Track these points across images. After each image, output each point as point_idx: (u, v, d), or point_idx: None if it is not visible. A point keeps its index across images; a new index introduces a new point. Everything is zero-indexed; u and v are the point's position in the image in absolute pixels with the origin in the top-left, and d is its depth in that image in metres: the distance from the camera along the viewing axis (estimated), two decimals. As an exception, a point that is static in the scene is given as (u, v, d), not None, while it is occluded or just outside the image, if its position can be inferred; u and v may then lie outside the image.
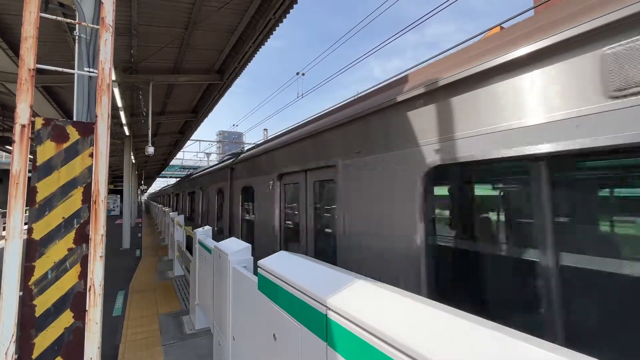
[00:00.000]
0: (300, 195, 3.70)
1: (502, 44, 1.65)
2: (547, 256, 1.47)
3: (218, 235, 6.86)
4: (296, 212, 3.85)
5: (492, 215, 1.86)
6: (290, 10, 5.64)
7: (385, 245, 2.25)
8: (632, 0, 1.16)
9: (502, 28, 5.91)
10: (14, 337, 1.76)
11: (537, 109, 1.48)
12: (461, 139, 1.79)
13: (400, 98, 2.18)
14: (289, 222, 4.08)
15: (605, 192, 1.46)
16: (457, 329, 0.96)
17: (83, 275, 2.04)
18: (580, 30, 1.30)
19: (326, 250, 3.25)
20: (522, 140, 1.51)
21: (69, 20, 2.40)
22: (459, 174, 2.04)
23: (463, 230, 2.04)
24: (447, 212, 2.15)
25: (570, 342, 1.39)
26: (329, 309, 1.34)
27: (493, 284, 1.82)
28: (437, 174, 2.00)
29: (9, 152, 15.88)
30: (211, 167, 9.38)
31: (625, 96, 1.20)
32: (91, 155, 2.13)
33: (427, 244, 1.97)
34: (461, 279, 2.00)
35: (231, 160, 6.65)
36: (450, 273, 2.06)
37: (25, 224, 1.67)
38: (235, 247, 2.95)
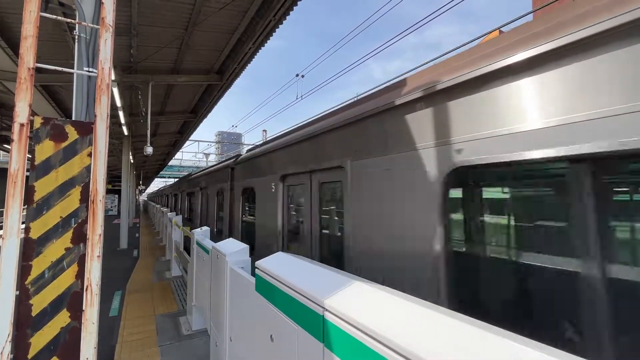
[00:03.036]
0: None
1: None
2: None
3: None
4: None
5: None
6: (291, 12, 5.66)
7: None
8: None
9: (501, 32, 5.94)
10: (10, 337, 1.75)
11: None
12: None
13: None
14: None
15: None
16: (455, 330, 0.97)
17: (80, 274, 2.03)
18: None
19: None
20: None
21: (69, 20, 2.40)
22: None
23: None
24: None
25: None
26: (326, 310, 1.34)
27: None
28: None
29: (7, 150, 15.80)
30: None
31: None
32: (90, 155, 2.13)
33: None
34: None
35: None
36: None
37: (23, 222, 1.66)
38: (233, 248, 2.94)
